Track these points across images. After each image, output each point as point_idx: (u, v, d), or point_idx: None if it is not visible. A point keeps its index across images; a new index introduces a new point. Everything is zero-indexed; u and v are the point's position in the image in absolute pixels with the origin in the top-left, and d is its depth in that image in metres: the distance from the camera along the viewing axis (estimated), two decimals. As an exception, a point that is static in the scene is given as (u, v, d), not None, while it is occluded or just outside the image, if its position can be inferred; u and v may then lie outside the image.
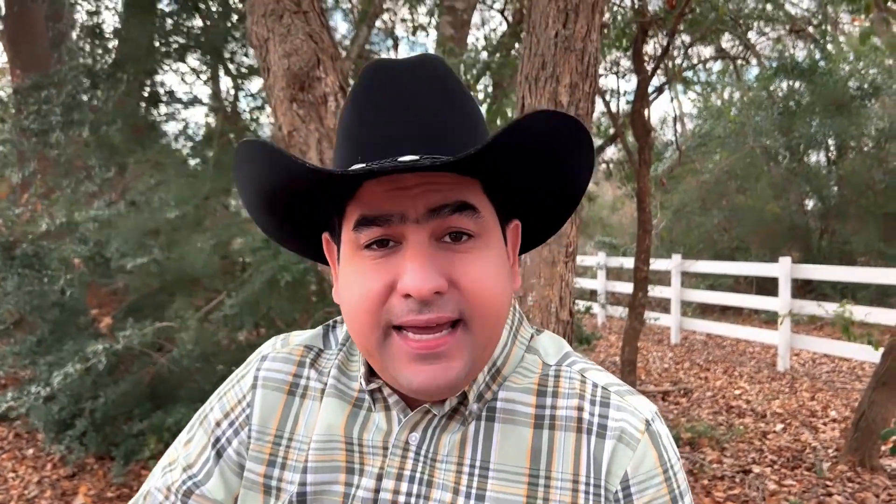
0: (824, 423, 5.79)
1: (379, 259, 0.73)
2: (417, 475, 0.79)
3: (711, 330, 9.85)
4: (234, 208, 5.18)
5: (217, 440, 0.88)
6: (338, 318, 0.93)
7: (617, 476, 0.75)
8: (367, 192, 0.74)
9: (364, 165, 0.70)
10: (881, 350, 4.72)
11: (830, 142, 13.01)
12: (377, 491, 0.79)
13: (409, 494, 0.78)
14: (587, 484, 0.76)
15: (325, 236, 0.85)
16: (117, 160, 4.96)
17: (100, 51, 6.04)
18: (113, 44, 5.96)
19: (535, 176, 0.78)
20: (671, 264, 10.18)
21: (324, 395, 0.86)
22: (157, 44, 5.60)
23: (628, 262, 10.17)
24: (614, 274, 12.07)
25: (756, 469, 4.69)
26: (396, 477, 0.79)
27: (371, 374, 0.82)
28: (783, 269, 8.48)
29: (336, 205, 0.79)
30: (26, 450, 4.96)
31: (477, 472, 0.78)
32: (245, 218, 5.06)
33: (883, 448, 4.63)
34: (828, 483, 4.39)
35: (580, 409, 0.79)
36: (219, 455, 0.88)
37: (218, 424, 0.89)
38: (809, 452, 4.97)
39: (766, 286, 10.44)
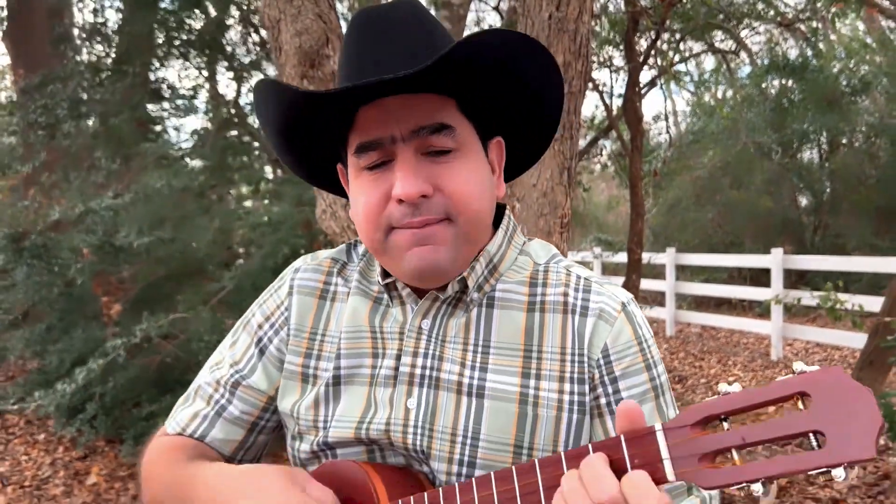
0: (815, 406, 5.93)
1: (376, 175, 0.88)
2: (430, 352, 0.93)
3: (706, 322, 10.01)
4: (234, 197, 5.32)
5: (260, 340, 1.03)
6: (357, 239, 1.07)
7: (598, 347, 0.90)
8: (361, 119, 0.88)
9: (341, 88, 0.84)
10: (867, 332, 4.87)
11: (822, 138, 13.17)
12: (397, 368, 0.93)
13: (423, 367, 0.92)
14: (573, 354, 0.90)
15: (339, 167, 1.00)
16: (123, 152, 5.09)
17: (101, 48, 6.17)
18: (115, 41, 6.09)
19: (505, 93, 0.92)
20: (666, 258, 10.33)
21: (349, 296, 1.00)
22: (159, 40, 5.73)
23: (623, 258, 10.32)
24: (610, 270, 12.22)
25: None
26: (413, 354, 0.93)
27: (386, 274, 0.96)
28: (775, 260, 8.64)
29: (340, 136, 0.93)
30: (37, 435, 5.08)
31: (480, 348, 0.92)
32: (243, 207, 5.19)
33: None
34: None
35: (566, 294, 0.93)
36: (262, 352, 1.02)
37: (260, 327, 1.03)
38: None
39: (761, 280, 10.58)
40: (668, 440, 0.66)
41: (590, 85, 6.34)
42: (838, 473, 0.59)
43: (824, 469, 0.59)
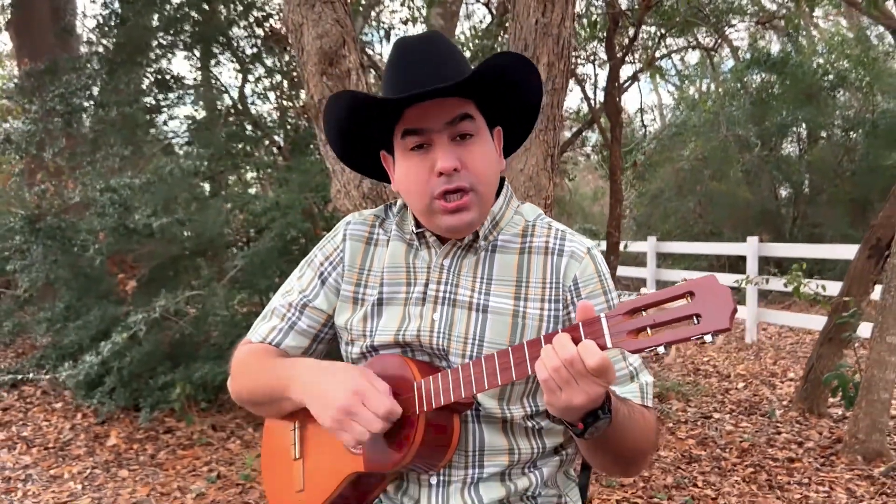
0: (782, 382, 6.35)
1: (420, 155, 1.24)
2: (449, 281, 1.30)
3: (685, 307, 10.42)
4: (243, 182, 5.64)
5: (321, 273, 1.39)
6: (391, 201, 1.43)
7: (570, 277, 1.26)
8: (407, 116, 1.24)
9: (404, 95, 1.20)
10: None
11: (802, 131, 13.56)
12: (425, 292, 1.30)
13: (444, 292, 1.29)
14: (552, 283, 1.27)
15: (383, 153, 1.36)
16: (135, 139, 5.40)
17: (106, 39, 6.42)
18: (120, 31, 6.33)
19: (505, 93, 1.28)
20: (647, 246, 10.75)
21: (389, 242, 1.36)
22: (163, 31, 6.00)
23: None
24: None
25: (716, 416, 5.24)
26: (437, 283, 1.30)
27: (417, 225, 1.32)
28: (751, 248, 9.06)
29: (388, 128, 1.29)
30: (55, 403, 5.41)
31: (485, 279, 1.29)
32: (252, 192, 5.50)
33: (831, 400, 5.18)
34: (779, 425, 4.95)
35: (547, 242, 1.30)
36: (323, 282, 1.39)
37: (321, 264, 1.40)
38: (765, 403, 5.52)
39: (739, 267, 11.00)
40: (608, 323, 1.01)
41: (573, 80, 6.71)
42: (708, 338, 0.94)
43: (700, 336, 0.95)
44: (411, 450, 1.14)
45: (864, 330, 5.35)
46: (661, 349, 0.98)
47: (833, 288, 5.90)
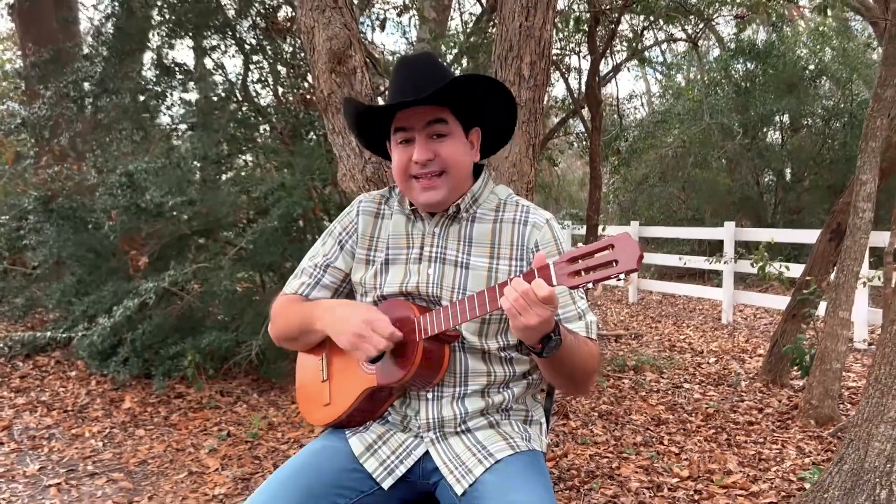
0: (751, 358, 6.77)
1: (406, 148, 1.63)
2: (440, 244, 1.68)
3: (666, 290, 10.87)
4: (251, 165, 5.98)
5: (340, 240, 1.77)
6: (393, 184, 1.80)
7: (532, 241, 1.64)
8: (398, 118, 1.63)
9: (387, 105, 1.61)
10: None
11: (784, 119, 13.94)
12: (421, 253, 1.68)
13: (436, 253, 1.67)
14: (518, 245, 1.65)
15: (388, 143, 1.73)
16: (145, 124, 5.74)
17: (112, 26, 6.70)
18: (124, 18, 6.60)
19: (477, 102, 1.65)
20: (630, 231, 11.15)
21: (392, 216, 1.74)
22: (166, 20, 6.28)
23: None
24: (579, 239, 13.03)
25: (686, 386, 5.66)
26: (430, 246, 1.68)
27: (412, 203, 1.70)
28: (728, 233, 9.48)
29: (388, 125, 1.68)
30: (69, 372, 5.77)
31: (466, 243, 1.67)
32: (257, 176, 5.85)
33: (794, 372, 5.59)
34: (743, 394, 5.37)
35: (515, 214, 1.68)
36: (341, 248, 1.76)
37: (340, 234, 1.78)
38: (733, 376, 5.94)
39: (720, 252, 11.44)
40: (555, 268, 1.37)
41: (557, 72, 7.07)
42: (622, 276, 1.32)
43: (616, 275, 1.32)
44: (413, 369, 1.52)
45: (824, 308, 5.76)
46: (590, 285, 1.36)
47: (798, 270, 6.30)
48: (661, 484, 3.61)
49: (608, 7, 5.13)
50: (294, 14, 6.28)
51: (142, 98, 5.45)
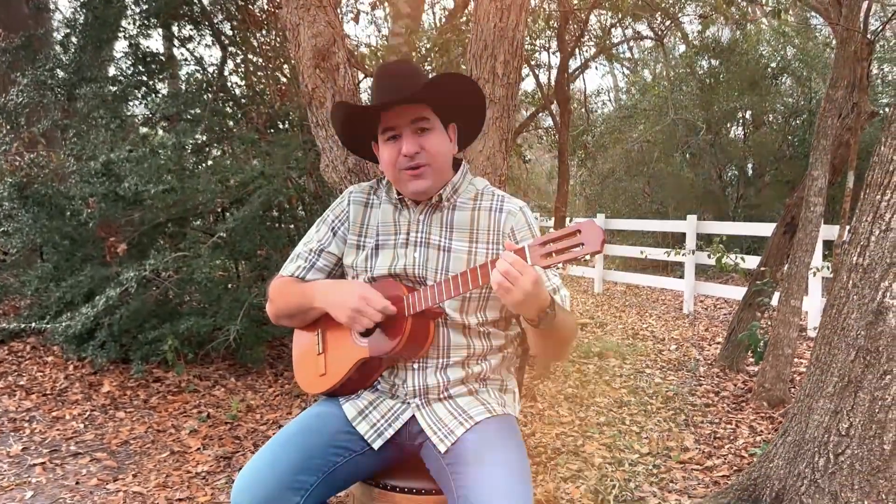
0: (710, 345, 7.07)
1: (394, 143, 1.80)
2: (424, 230, 1.85)
3: (630, 280, 11.18)
4: (229, 155, 6.08)
5: (333, 227, 1.94)
6: (382, 176, 1.97)
7: (508, 226, 1.83)
8: (384, 117, 1.80)
9: (377, 104, 1.76)
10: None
11: (747, 116, 14.32)
12: (407, 238, 1.85)
13: (421, 237, 1.84)
14: (495, 231, 1.83)
15: (373, 143, 1.91)
16: (121, 113, 5.80)
17: (84, 14, 6.73)
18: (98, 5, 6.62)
19: (452, 99, 1.82)
20: (596, 222, 11.40)
21: (381, 205, 1.91)
22: (138, 5, 6.33)
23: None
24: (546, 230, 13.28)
25: (648, 371, 5.92)
26: (416, 231, 1.85)
27: (399, 192, 1.87)
28: (690, 226, 9.80)
29: (374, 125, 1.84)
30: (45, 357, 5.83)
31: (448, 229, 1.85)
32: (237, 165, 5.96)
33: (749, 358, 5.88)
34: (701, 378, 5.64)
35: (492, 202, 1.87)
36: (334, 234, 1.93)
37: (332, 221, 1.94)
38: (692, 362, 6.22)
39: (682, 244, 11.78)
40: (529, 251, 1.55)
41: (527, 68, 7.27)
42: (587, 256, 1.51)
43: (583, 256, 1.51)
44: (402, 341, 1.70)
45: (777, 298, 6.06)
46: (560, 265, 1.55)
47: (754, 261, 6.60)
48: (623, 459, 3.85)
49: (577, 6, 5.33)
50: (269, 8, 6.39)
51: (113, 88, 5.51)
